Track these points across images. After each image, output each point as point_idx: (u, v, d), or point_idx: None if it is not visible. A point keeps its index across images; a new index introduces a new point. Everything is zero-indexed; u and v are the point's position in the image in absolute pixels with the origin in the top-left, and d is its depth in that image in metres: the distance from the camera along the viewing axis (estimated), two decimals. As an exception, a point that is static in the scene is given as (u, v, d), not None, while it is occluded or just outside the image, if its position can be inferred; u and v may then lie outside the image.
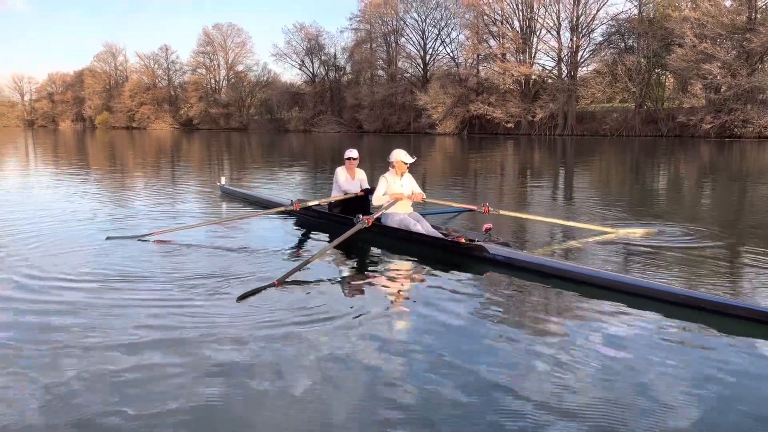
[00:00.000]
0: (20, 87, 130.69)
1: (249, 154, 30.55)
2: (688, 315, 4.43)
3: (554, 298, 4.94)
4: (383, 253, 6.67)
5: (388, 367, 3.53)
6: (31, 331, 4.11)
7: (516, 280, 5.39)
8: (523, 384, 3.31)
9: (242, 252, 6.61)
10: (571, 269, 5.41)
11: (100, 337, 3.98)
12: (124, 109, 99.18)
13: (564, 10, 53.07)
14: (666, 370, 3.50)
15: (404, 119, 64.21)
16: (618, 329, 4.17)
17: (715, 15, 39.78)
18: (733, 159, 23.84)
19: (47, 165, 22.17)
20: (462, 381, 3.35)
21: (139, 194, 12.45)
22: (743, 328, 4.19)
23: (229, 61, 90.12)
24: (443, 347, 3.83)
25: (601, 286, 5.05)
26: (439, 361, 3.61)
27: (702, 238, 7.14)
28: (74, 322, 4.26)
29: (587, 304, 4.72)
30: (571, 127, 51.34)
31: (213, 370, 3.49)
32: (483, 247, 5.91)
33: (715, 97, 40.80)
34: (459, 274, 5.58)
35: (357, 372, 3.48)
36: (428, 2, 65.41)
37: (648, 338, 4.01)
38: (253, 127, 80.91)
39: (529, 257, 5.77)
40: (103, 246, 6.82)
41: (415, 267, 6.03)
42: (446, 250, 6.30)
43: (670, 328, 4.21)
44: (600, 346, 3.86)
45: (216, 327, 4.16)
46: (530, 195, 12.88)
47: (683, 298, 4.63)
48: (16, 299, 4.80)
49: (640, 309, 4.56)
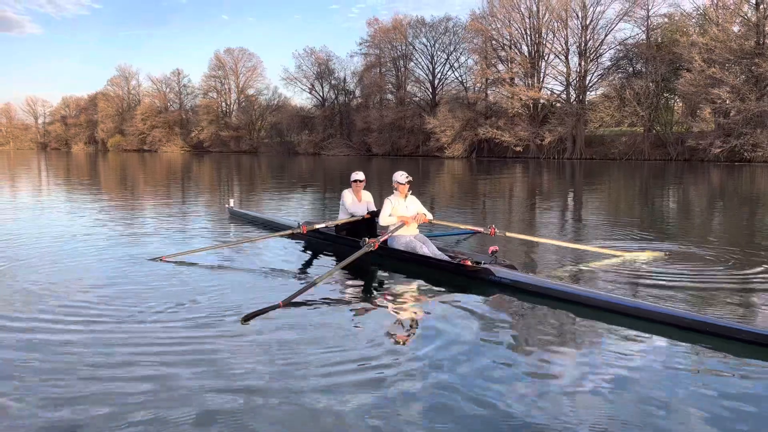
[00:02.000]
0: (34, 110, 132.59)
1: (259, 176, 30.74)
2: (696, 339, 4.40)
3: (560, 321, 4.91)
4: (389, 275, 6.67)
5: (391, 389, 3.52)
6: (40, 348, 4.15)
7: (521, 303, 5.37)
8: (524, 407, 3.29)
9: (249, 274, 6.64)
10: (578, 292, 5.38)
11: (105, 355, 4.01)
12: (136, 132, 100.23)
13: (572, 36, 53.55)
14: (673, 395, 3.46)
15: (413, 142, 64.48)
16: (623, 353, 4.14)
17: (724, 40, 39.91)
18: (743, 183, 23.72)
19: (59, 186, 22.39)
20: (464, 404, 3.33)
21: (150, 216, 12.54)
22: (749, 351, 4.15)
23: (240, 85, 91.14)
24: (447, 370, 3.82)
25: (608, 310, 5.02)
26: (442, 384, 3.59)
27: (711, 262, 7.10)
28: (82, 339, 4.32)
29: (593, 328, 4.70)
30: (579, 150, 51.37)
31: (217, 389, 3.49)
32: (489, 269, 5.90)
33: (725, 122, 40.73)
34: (465, 297, 5.57)
35: (361, 393, 3.47)
36: (437, 28, 66.20)
37: (655, 363, 3.96)
38: (263, 150, 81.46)
39: (535, 280, 5.76)
40: (113, 266, 6.90)
41: (420, 289, 6.03)
42: (452, 273, 6.30)
43: (678, 353, 4.18)
44: (605, 370, 3.83)
45: (221, 348, 4.18)
46: (538, 217, 12.86)
47: (690, 322, 4.59)
48: (24, 318, 4.85)
49: (647, 332, 4.53)
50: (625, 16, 50.12)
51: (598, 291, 5.50)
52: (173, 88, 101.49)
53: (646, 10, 49.39)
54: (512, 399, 3.40)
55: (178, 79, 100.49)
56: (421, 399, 3.40)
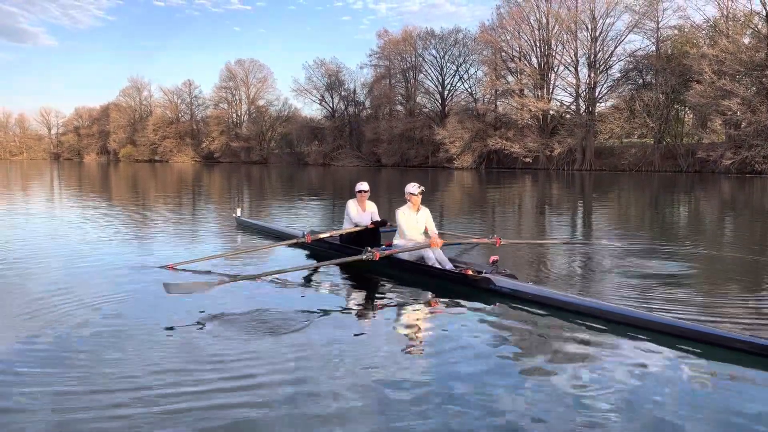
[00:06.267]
0: (47, 121, 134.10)
1: (269, 186, 30.92)
2: (698, 349, 4.39)
3: (558, 330, 4.93)
4: (391, 283, 6.73)
5: (388, 396, 3.57)
6: (47, 353, 4.25)
7: (520, 313, 5.41)
8: (518, 414, 3.33)
9: (252, 282, 6.70)
10: (577, 302, 5.41)
11: (111, 360, 4.10)
12: (148, 142, 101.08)
13: (581, 47, 53.57)
14: (674, 405, 3.48)
15: (422, 153, 64.62)
16: (621, 362, 4.15)
17: (734, 52, 39.81)
18: (755, 195, 23.58)
19: (71, 195, 22.64)
20: (459, 411, 3.37)
21: (159, 225, 12.70)
22: (750, 361, 4.15)
23: (251, 96, 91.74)
24: (443, 377, 3.87)
25: (607, 320, 5.04)
26: (439, 392, 3.64)
27: (719, 272, 7.09)
28: (88, 345, 4.41)
29: (590, 337, 4.71)
30: (589, 162, 51.28)
31: (218, 397, 3.56)
32: (489, 279, 5.96)
33: (735, 133, 40.54)
34: (465, 306, 5.63)
35: (357, 399, 3.52)
36: (446, 39, 66.49)
37: (656, 373, 3.96)
38: (273, 160, 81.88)
39: (535, 289, 5.79)
40: (121, 274, 7.04)
41: (422, 297, 6.12)
42: (454, 282, 6.37)
43: (679, 363, 4.17)
44: (602, 379, 3.86)
45: (222, 355, 4.25)
46: (547, 227, 12.86)
47: (692, 332, 4.57)
48: (31, 325, 4.96)
49: (646, 342, 4.54)
50: (635, 27, 50.17)
51: (597, 300, 5.52)
52: (184, 98, 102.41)
53: (656, 22, 49.44)
54: (505, 406, 3.43)
55: (189, 90, 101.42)
56: (416, 406, 3.44)
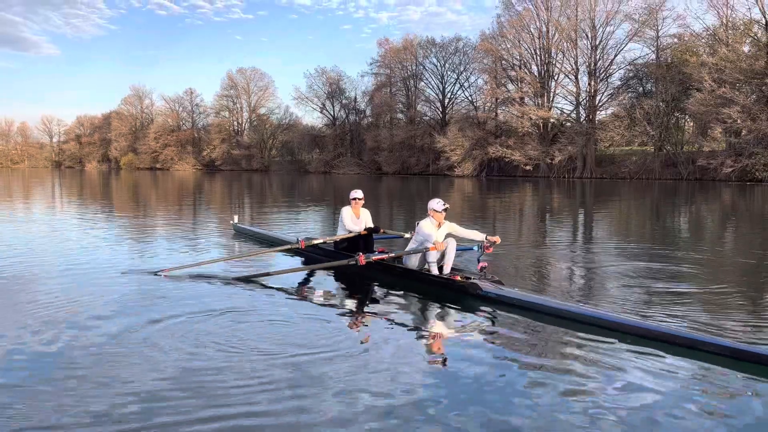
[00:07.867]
0: (49, 129, 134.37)
1: (270, 194, 30.99)
2: (684, 354, 4.42)
3: (540, 335, 4.99)
4: (381, 289, 6.80)
5: (371, 400, 3.61)
6: (47, 359, 4.32)
7: (505, 318, 5.48)
8: (499, 420, 3.37)
9: (245, 287, 6.74)
10: (561, 307, 5.47)
11: (103, 365, 4.16)
12: (149, 150, 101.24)
13: (582, 56, 53.70)
14: (658, 409, 3.51)
15: (423, 161, 64.74)
16: (602, 367, 4.20)
17: (734, 60, 39.93)
18: (755, 203, 23.59)
19: (72, 202, 22.73)
20: (442, 415, 3.41)
21: (158, 232, 12.78)
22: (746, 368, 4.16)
23: (252, 104, 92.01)
24: (430, 381, 3.92)
25: (591, 324, 5.07)
26: (422, 394, 3.69)
27: (717, 281, 7.10)
28: (86, 349, 4.50)
29: (573, 342, 4.74)
30: (590, 169, 51.31)
31: (214, 401, 3.61)
32: (476, 284, 6.02)
33: (736, 141, 40.60)
34: (452, 310, 5.73)
35: (341, 402, 3.56)
36: (447, 48, 66.77)
37: (638, 378, 3.99)
38: (274, 168, 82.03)
39: (520, 295, 5.85)
40: (118, 279, 7.10)
41: (410, 302, 6.18)
42: (442, 287, 6.43)
43: (665, 368, 4.18)
44: (586, 383, 3.89)
45: (218, 356, 4.30)
46: (548, 235, 12.89)
47: (677, 338, 4.60)
48: (31, 330, 5.02)
49: (627, 347, 4.56)
50: (635, 36, 50.33)
51: (581, 306, 5.61)
52: (186, 107, 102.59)
53: (656, 30, 49.62)
54: (490, 410, 3.47)
55: (190, 98, 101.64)
56: (403, 410, 3.48)
